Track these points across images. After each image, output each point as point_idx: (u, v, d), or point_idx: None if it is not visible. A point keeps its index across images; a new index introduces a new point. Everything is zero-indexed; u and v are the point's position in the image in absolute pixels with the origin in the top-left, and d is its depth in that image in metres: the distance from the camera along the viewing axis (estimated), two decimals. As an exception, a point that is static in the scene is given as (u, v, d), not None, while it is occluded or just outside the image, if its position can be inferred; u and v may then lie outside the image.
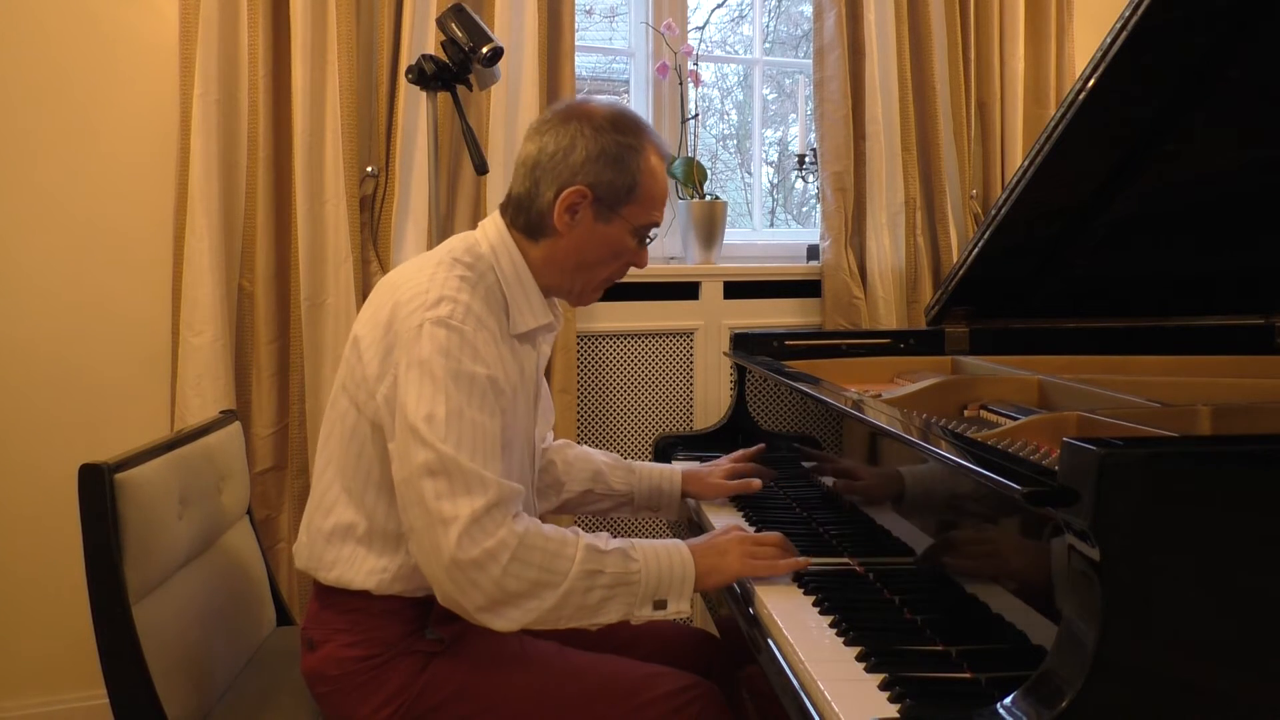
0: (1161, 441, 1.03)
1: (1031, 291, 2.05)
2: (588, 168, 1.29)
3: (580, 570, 1.18)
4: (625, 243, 1.36)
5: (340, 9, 2.19)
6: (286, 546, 2.24)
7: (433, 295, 1.24)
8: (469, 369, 1.20)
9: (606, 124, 1.31)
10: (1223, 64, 1.52)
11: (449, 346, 1.20)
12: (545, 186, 1.31)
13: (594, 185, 1.30)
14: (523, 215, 1.34)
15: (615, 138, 1.30)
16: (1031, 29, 2.82)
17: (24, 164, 2.14)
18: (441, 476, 1.15)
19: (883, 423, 1.28)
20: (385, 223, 2.28)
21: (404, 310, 1.24)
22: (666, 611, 1.23)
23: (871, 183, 2.67)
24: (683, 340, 2.59)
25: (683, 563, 1.24)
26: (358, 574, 1.29)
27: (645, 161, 1.33)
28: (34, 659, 2.19)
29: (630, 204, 1.33)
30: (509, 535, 1.15)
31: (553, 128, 1.32)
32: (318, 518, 1.33)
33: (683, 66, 2.62)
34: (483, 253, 1.33)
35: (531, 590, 1.16)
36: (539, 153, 1.32)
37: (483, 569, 1.14)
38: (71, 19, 2.15)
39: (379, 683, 1.29)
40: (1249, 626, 0.83)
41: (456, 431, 1.17)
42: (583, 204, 1.31)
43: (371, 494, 1.29)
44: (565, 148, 1.30)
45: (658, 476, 1.69)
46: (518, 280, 1.34)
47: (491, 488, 1.16)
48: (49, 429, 2.18)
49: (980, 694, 0.96)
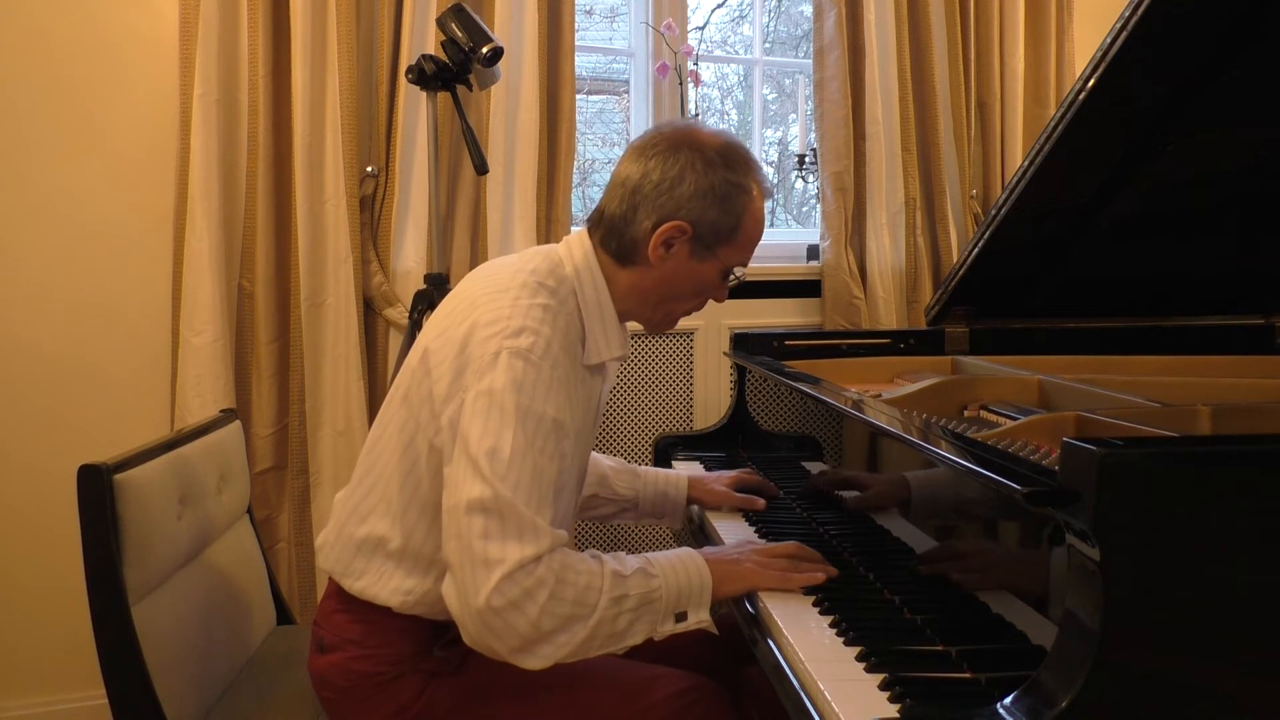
0: (1161, 441, 1.03)
1: (1031, 291, 2.05)
2: (693, 204, 1.24)
3: (609, 599, 1.14)
4: (712, 281, 1.31)
5: (340, 9, 2.19)
6: (286, 546, 2.24)
7: (515, 323, 1.18)
8: (539, 409, 1.15)
9: (718, 159, 1.25)
10: (1223, 64, 1.52)
11: (523, 381, 1.15)
12: (644, 214, 1.25)
13: (696, 223, 1.24)
14: (614, 239, 1.28)
15: (725, 175, 1.25)
16: (1031, 29, 2.82)
17: (24, 164, 2.14)
18: (494, 516, 1.11)
19: (883, 423, 1.28)
20: (385, 223, 2.28)
21: (482, 333, 1.18)
22: (688, 623, 1.20)
23: (871, 183, 2.67)
24: (683, 340, 2.59)
25: (699, 571, 1.22)
26: (383, 590, 1.26)
27: (752, 204, 1.28)
28: (34, 659, 2.19)
29: (728, 245, 1.28)
30: (547, 574, 1.11)
31: (660, 153, 1.25)
32: (352, 523, 1.30)
33: (683, 66, 2.62)
34: (566, 275, 1.28)
35: (564, 625, 1.12)
36: (642, 178, 1.25)
37: (520, 610, 1.09)
38: (72, 19, 2.15)
39: (385, 698, 1.28)
40: (1249, 626, 0.83)
41: (517, 473, 1.12)
42: (680, 239, 1.25)
43: (414, 512, 1.25)
44: (673, 179, 1.24)
45: (663, 482, 1.66)
46: (598, 308, 1.29)
47: (544, 539, 1.12)
48: (49, 429, 2.18)
49: (980, 694, 0.95)
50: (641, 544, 2.57)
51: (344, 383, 2.23)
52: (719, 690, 1.30)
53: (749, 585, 1.24)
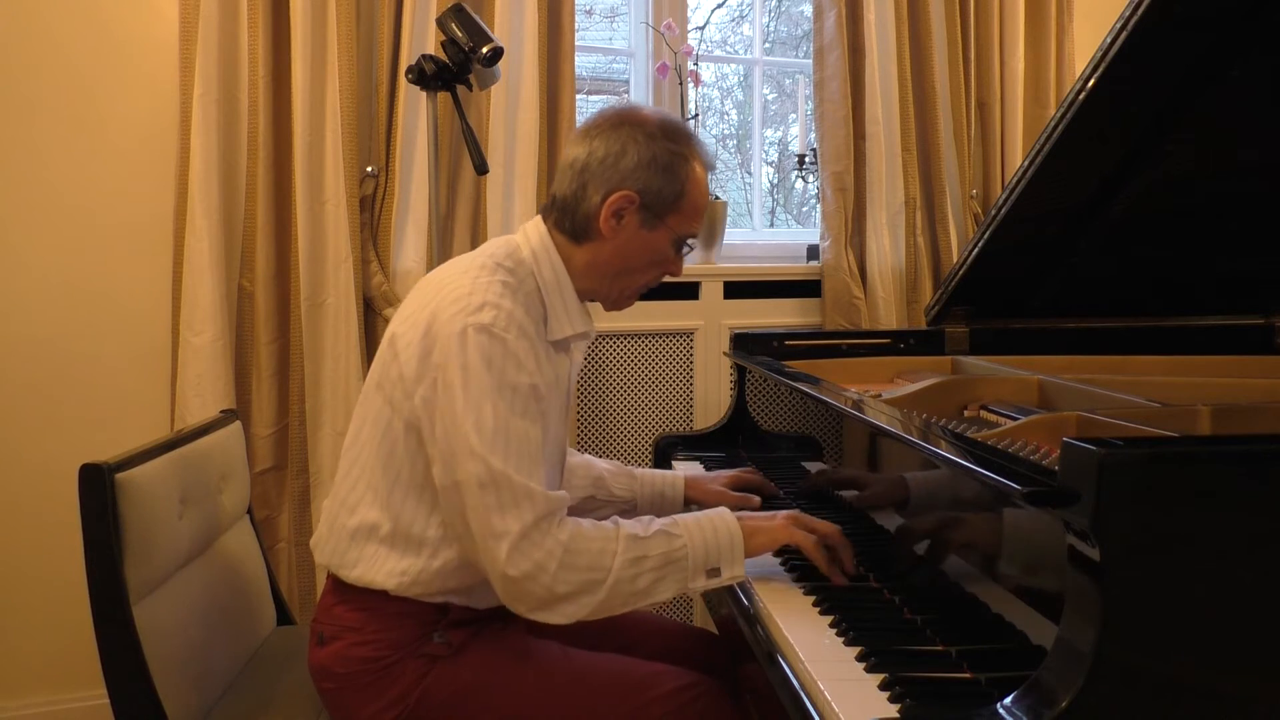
0: (1161, 441, 1.03)
1: (1031, 291, 2.05)
2: (638, 174, 1.29)
3: (623, 561, 1.20)
4: (665, 252, 1.36)
5: (340, 9, 2.19)
6: (286, 546, 2.24)
7: (476, 300, 1.23)
8: (513, 379, 1.21)
9: (658, 131, 1.31)
10: (1223, 64, 1.52)
11: (493, 355, 1.20)
12: (593, 190, 1.31)
13: (642, 192, 1.30)
14: (568, 218, 1.34)
15: (666, 145, 1.31)
16: (1031, 29, 2.82)
17: (24, 164, 2.14)
18: (491, 490, 1.17)
19: (883, 423, 1.28)
20: (385, 223, 2.28)
21: (446, 313, 1.23)
22: (722, 579, 1.25)
23: (871, 183, 2.67)
24: (683, 340, 2.59)
25: (729, 529, 1.26)
26: (379, 574, 1.29)
27: (694, 172, 1.33)
28: (34, 659, 2.19)
29: (675, 213, 1.33)
30: (555, 545, 1.18)
31: (603, 132, 1.32)
32: (342, 515, 1.33)
33: (683, 66, 2.62)
34: (524, 258, 1.34)
35: (581, 589, 1.19)
36: (588, 156, 1.31)
37: (534, 579, 1.17)
38: (73, 19, 2.15)
39: (385, 684, 1.29)
40: (1249, 626, 0.83)
41: (504, 443, 1.18)
42: (629, 209, 1.31)
43: (399, 495, 1.29)
44: (616, 153, 1.30)
45: (661, 482, 1.68)
46: (557, 286, 1.34)
47: (540, 502, 1.18)
48: (49, 428, 2.18)
49: (980, 694, 0.96)
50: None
51: (344, 383, 2.23)
52: (718, 687, 1.30)
53: (779, 540, 1.28)
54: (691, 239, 1.38)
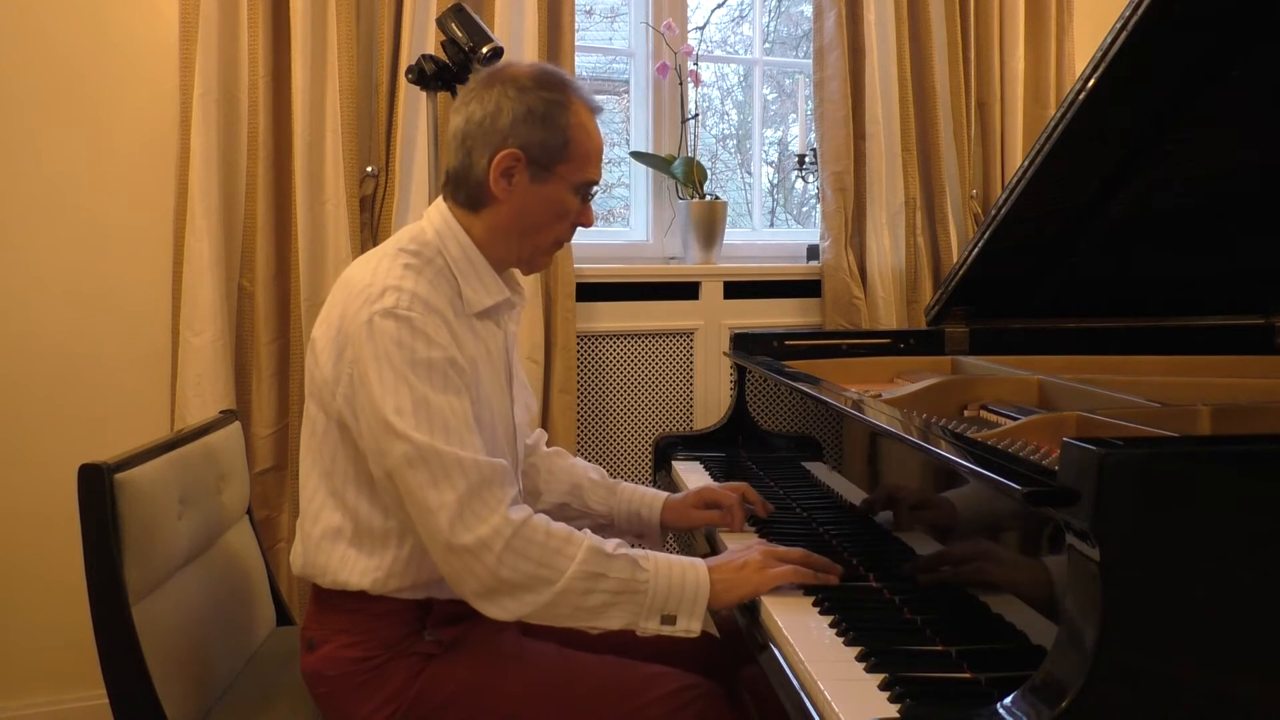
0: (1161, 441, 1.03)
1: (1031, 291, 2.05)
2: (516, 129, 1.27)
3: (579, 570, 1.17)
4: (567, 202, 1.33)
5: (340, 9, 2.19)
6: (286, 546, 2.24)
7: (376, 288, 1.23)
8: (424, 355, 1.20)
9: (530, 83, 1.29)
10: (1223, 64, 1.52)
11: (400, 336, 1.20)
12: (478, 155, 1.29)
13: (525, 146, 1.28)
14: (461, 189, 1.33)
15: (541, 95, 1.28)
16: (1031, 29, 2.82)
17: (25, 163, 2.14)
18: (420, 466, 1.16)
19: (883, 423, 1.28)
20: (385, 223, 2.28)
21: (351, 308, 1.24)
22: (675, 628, 1.21)
23: (871, 183, 2.67)
24: (683, 340, 2.59)
25: (696, 581, 1.22)
26: (352, 575, 1.29)
27: (574, 116, 1.30)
28: (34, 659, 2.19)
29: (564, 162, 1.30)
30: (503, 523, 1.16)
31: (476, 95, 1.30)
32: (308, 524, 1.33)
33: (683, 66, 2.62)
34: (429, 239, 1.32)
35: (527, 583, 1.17)
36: (466, 122, 1.30)
37: (477, 557, 1.15)
38: (72, 19, 2.15)
39: (377, 684, 1.29)
40: (1249, 626, 0.83)
41: (426, 418, 1.17)
42: (517, 166, 1.29)
43: (352, 493, 1.29)
44: (491, 113, 1.28)
45: (638, 503, 1.59)
46: (466, 260, 1.32)
47: (471, 469, 1.17)
48: (49, 428, 2.18)
49: (980, 694, 0.95)
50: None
51: (344, 383, 2.23)
52: (716, 689, 1.29)
53: (752, 591, 1.24)
54: (593, 184, 1.35)
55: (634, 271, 2.59)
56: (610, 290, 2.53)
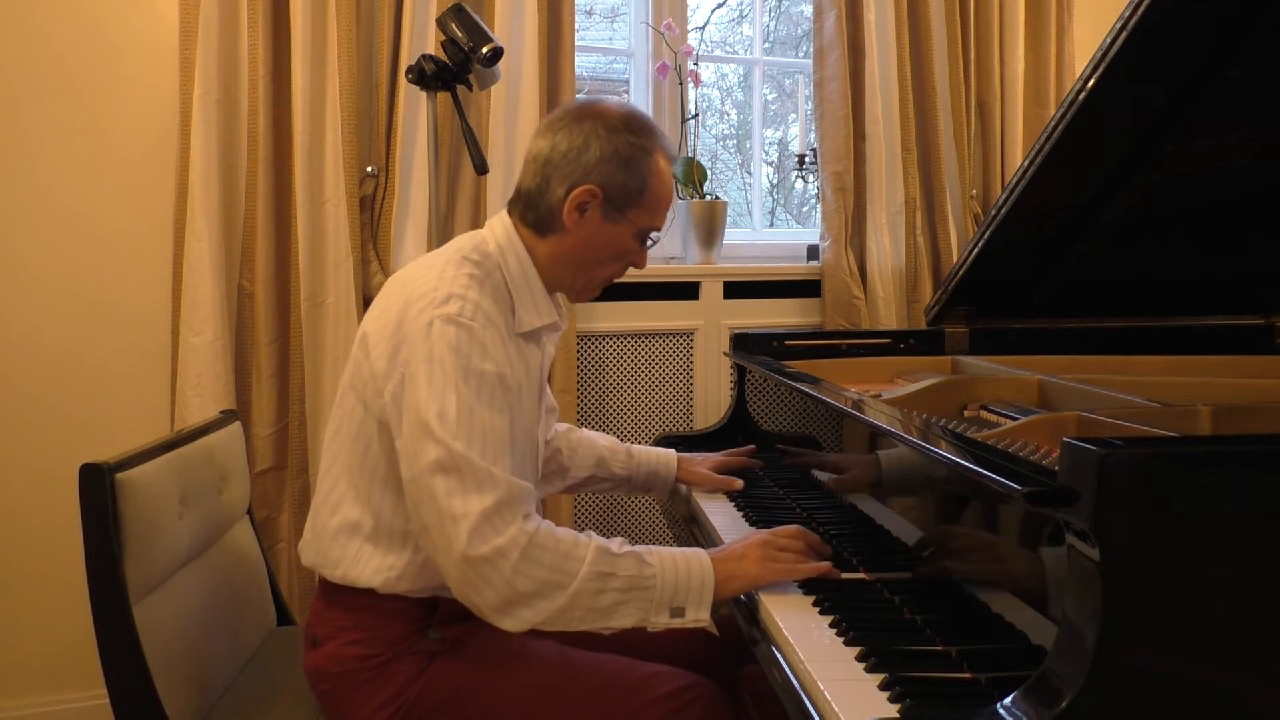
0: (1161, 441, 1.03)
1: (1031, 291, 2.05)
2: (600, 167, 1.30)
3: (590, 571, 1.18)
4: (629, 244, 1.37)
5: (340, 9, 2.19)
6: (286, 546, 2.24)
7: (442, 293, 1.24)
8: (478, 366, 1.21)
9: (620, 125, 1.32)
10: (1223, 64, 1.52)
11: (459, 344, 1.21)
12: (556, 183, 1.32)
13: (605, 185, 1.31)
14: (532, 211, 1.35)
15: (629, 139, 1.32)
16: (1031, 29, 2.82)
17: (25, 163, 2.14)
18: (453, 474, 1.16)
19: (883, 423, 1.28)
20: (385, 223, 2.28)
21: (414, 308, 1.24)
22: (685, 619, 1.22)
23: (871, 183, 2.67)
24: (683, 340, 2.59)
25: (701, 570, 1.23)
26: (364, 571, 1.29)
27: (655, 165, 1.34)
28: (34, 659, 2.19)
29: (637, 207, 1.34)
30: (519, 534, 1.16)
31: (566, 126, 1.33)
32: (324, 515, 1.33)
33: (683, 66, 2.62)
34: (490, 251, 1.35)
35: (541, 590, 1.16)
36: (551, 150, 1.33)
37: (494, 566, 1.15)
38: (72, 19, 2.15)
39: (380, 682, 1.29)
40: (1249, 626, 0.83)
41: (468, 429, 1.18)
42: (592, 203, 1.31)
43: (378, 491, 1.30)
44: (579, 146, 1.31)
45: (655, 461, 1.77)
46: (524, 279, 1.35)
47: (501, 485, 1.17)
48: (49, 428, 2.18)
49: (980, 694, 0.95)
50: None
51: (344, 383, 2.23)
52: (717, 689, 1.30)
53: (754, 583, 1.25)
54: (655, 232, 1.39)
55: (634, 271, 2.58)
56: (610, 290, 2.51)
